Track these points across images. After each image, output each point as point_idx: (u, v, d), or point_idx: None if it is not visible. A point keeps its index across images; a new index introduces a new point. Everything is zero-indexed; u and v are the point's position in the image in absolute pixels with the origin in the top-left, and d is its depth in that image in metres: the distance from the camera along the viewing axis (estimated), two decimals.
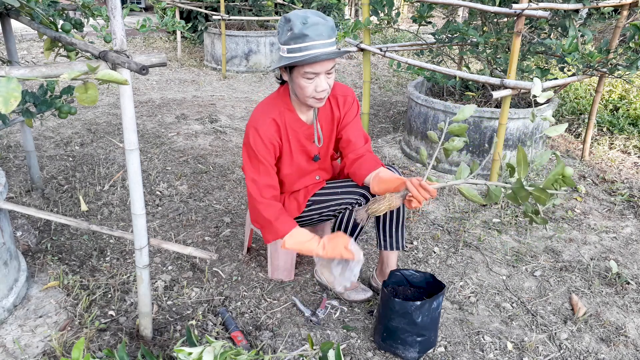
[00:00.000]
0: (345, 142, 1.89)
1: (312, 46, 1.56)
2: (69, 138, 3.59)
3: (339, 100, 1.88)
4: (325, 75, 1.64)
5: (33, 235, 2.26)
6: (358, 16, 9.87)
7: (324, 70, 1.62)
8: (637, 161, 3.61)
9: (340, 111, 1.89)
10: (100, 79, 1.11)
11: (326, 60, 1.60)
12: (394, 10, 3.10)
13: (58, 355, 1.64)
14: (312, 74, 1.61)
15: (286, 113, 1.79)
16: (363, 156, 1.84)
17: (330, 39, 1.60)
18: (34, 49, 6.61)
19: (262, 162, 1.77)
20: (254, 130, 1.75)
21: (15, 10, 1.94)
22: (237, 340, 1.75)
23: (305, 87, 1.65)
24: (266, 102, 1.82)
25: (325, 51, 1.58)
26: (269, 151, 1.77)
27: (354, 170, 1.84)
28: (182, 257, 2.27)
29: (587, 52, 2.72)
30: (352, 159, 1.86)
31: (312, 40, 1.56)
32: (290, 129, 1.81)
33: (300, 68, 1.61)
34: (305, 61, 1.57)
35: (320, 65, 1.60)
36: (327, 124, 1.89)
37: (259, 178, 1.78)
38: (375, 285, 2.10)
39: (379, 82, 5.83)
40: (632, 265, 2.38)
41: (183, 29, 4.84)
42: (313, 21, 1.56)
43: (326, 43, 1.58)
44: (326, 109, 1.87)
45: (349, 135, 1.88)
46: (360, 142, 1.88)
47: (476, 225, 2.68)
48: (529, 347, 1.83)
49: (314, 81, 1.64)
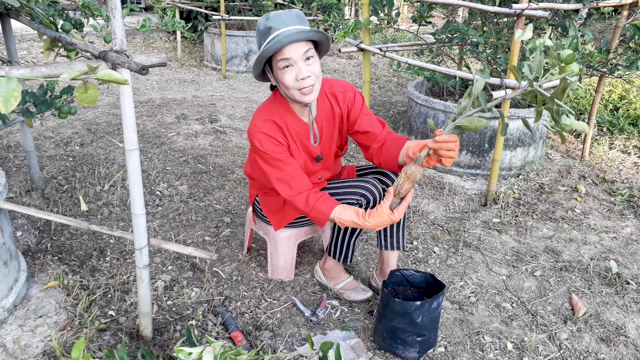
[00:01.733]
0: (363, 134, 1.85)
1: (277, 35, 1.57)
2: (69, 138, 3.59)
3: (338, 97, 1.85)
4: (304, 63, 1.60)
5: (33, 235, 2.26)
6: (358, 16, 9.87)
7: (297, 55, 1.57)
8: (637, 161, 3.61)
9: (341, 108, 1.86)
10: (100, 79, 1.11)
11: (295, 43, 1.56)
12: (394, 10, 3.10)
13: (58, 355, 1.64)
14: (285, 60, 1.58)
15: (285, 115, 1.77)
16: (386, 141, 1.78)
17: (297, 25, 1.58)
18: (34, 49, 6.61)
19: (278, 159, 1.72)
20: (259, 134, 1.71)
21: (15, 10, 1.94)
22: (237, 340, 1.75)
23: (285, 79, 1.61)
24: (263, 107, 1.79)
25: (289, 34, 1.55)
26: (281, 146, 1.73)
27: (385, 159, 1.77)
28: (182, 257, 2.27)
29: (587, 52, 2.72)
30: (377, 148, 1.80)
31: (277, 29, 1.57)
32: (292, 130, 1.78)
33: (275, 60, 1.60)
34: (272, 47, 1.55)
35: (289, 49, 1.56)
36: (327, 122, 1.86)
37: (283, 175, 1.73)
38: (375, 285, 2.10)
39: (379, 82, 5.83)
40: (632, 265, 2.38)
41: (183, 29, 4.84)
42: (275, 14, 1.59)
43: (291, 29, 1.57)
44: (326, 107, 1.85)
45: (364, 127, 1.84)
46: (378, 128, 1.83)
47: (476, 225, 2.68)
48: (529, 347, 1.83)
49: (293, 70, 1.60)
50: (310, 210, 1.70)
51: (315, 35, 1.59)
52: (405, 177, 1.50)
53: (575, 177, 3.31)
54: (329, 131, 1.89)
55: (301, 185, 1.73)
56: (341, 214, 1.66)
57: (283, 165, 1.72)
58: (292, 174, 1.73)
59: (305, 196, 1.71)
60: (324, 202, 1.69)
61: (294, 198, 1.72)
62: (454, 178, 3.26)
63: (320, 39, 1.63)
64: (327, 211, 1.68)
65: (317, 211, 1.69)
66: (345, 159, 3.50)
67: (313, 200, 1.70)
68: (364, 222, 1.63)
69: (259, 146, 1.72)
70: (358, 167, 2.05)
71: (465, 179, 3.25)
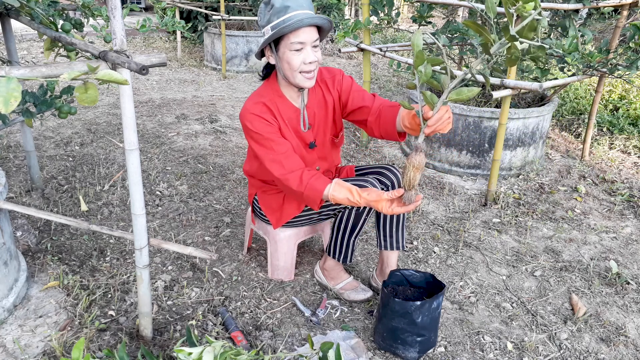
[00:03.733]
0: (358, 110, 1.86)
1: (295, 15, 1.59)
2: (69, 138, 3.59)
3: (328, 83, 1.88)
4: (312, 48, 1.65)
5: (33, 235, 2.26)
6: (358, 16, 9.87)
7: (310, 40, 1.62)
8: (637, 161, 3.61)
9: (332, 94, 1.88)
10: (100, 79, 1.11)
11: (310, 28, 1.61)
12: (394, 10, 3.10)
13: (58, 355, 1.64)
14: (299, 43, 1.61)
15: (276, 99, 1.79)
16: (381, 112, 1.78)
17: (310, 10, 1.62)
18: (34, 49, 6.61)
19: (270, 139, 1.72)
20: (250, 115, 1.72)
21: (15, 10, 1.94)
22: (237, 340, 1.75)
23: (292, 60, 1.64)
24: (254, 93, 1.81)
25: (309, 16, 1.59)
26: (272, 126, 1.74)
27: (385, 129, 1.75)
28: (182, 257, 2.27)
29: (587, 52, 2.72)
30: (374, 120, 1.80)
31: (294, 10, 1.59)
32: (283, 115, 1.80)
33: (287, 40, 1.62)
34: (292, 26, 1.57)
35: (305, 32, 1.61)
36: (320, 109, 1.88)
37: (276, 155, 1.72)
38: (375, 285, 2.10)
39: (379, 82, 5.83)
40: (632, 265, 2.38)
41: (183, 29, 4.84)
42: None
43: (307, 13, 1.61)
44: (317, 94, 1.87)
45: (356, 103, 1.85)
46: (370, 100, 1.84)
47: (476, 225, 2.68)
48: (529, 347, 1.83)
49: (302, 53, 1.64)
50: (305, 189, 1.69)
51: (327, 24, 1.65)
52: (414, 169, 1.46)
53: (575, 177, 3.31)
54: (322, 118, 1.90)
55: (294, 164, 1.72)
56: (335, 190, 1.66)
57: (275, 146, 1.73)
58: (284, 153, 1.73)
59: (299, 174, 1.70)
60: (318, 179, 1.69)
61: (287, 176, 1.71)
62: (454, 178, 3.26)
63: (328, 28, 1.68)
64: (320, 188, 1.67)
65: (311, 188, 1.68)
66: (345, 159, 3.50)
67: (307, 178, 1.69)
68: (359, 199, 1.62)
69: (250, 126, 1.73)
70: (357, 167, 2.06)
71: (465, 179, 3.25)
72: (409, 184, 1.50)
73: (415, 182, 1.49)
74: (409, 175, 1.48)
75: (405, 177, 1.49)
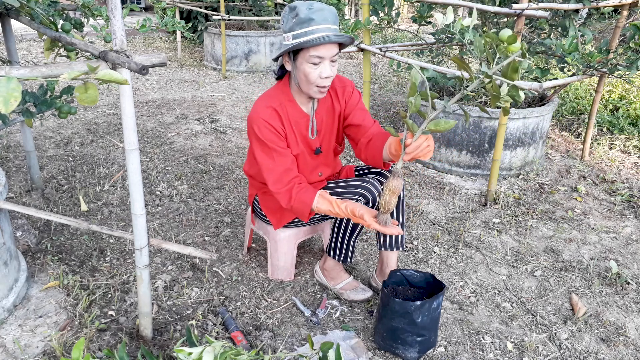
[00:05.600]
0: (355, 127, 1.87)
1: (318, 29, 1.58)
2: (69, 138, 3.59)
3: (338, 92, 1.88)
4: (330, 63, 1.65)
5: (33, 235, 2.26)
6: (358, 16, 9.87)
7: (329, 55, 1.62)
8: (637, 161, 3.61)
9: (340, 103, 1.88)
10: (100, 79, 1.11)
11: (331, 44, 1.61)
12: (394, 10, 3.10)
13: (58, 355, 1.64)
14: (318, 57, 1.61)
15: (287, 104, 1.79)
16: (373, 137, 1.80)
17: (335, 25, 1.62)
18: (34, 49, 6.61)
19: (274, 149, 1.74)
20: (258, 120, 1.73)
21: (15, 10, 1.94)
22: (237, 340, 1.75)
23: (309, 73, 1.65)
24: (266, 94, 1.81)
25: (332, 34, 1.59)
26: (278, 136, 1.75)
27: (371, 154, 1.77)
28: (182, 257, 2.27)
29: (587, 52, 2.72)
30: (365, 143, 1.82)
31: (318, 24, 1.58)
32: (292, 120, 1.80)
33: (306, 52, 1.62)
34: (313, 42, 1.57)
35: (326, 48, 1.60)
36: (328, 116, 1.89)
37: (275, 166, 1.74)
38: (375, 285, 2.10)
39: (379, 82, 5.83)
40: (632, 265, 2.38)
41: (183, 29, 4.84)
42: (318, 7, 1.59)
43: (331, 28, 1.60)
44: (327, 102, 1.87)
45: (356, 119, 1.86)
46: (370, 123, 1.86)
47: (476, 225, 2.68)
48: (529, 347, 1.83)
49: (319, 67, 1.64)
50: (294, 203, 1.73)
51: (349, 41, 1.65)
52: (390, 193, 1.51)
53: (575, 177, 3.31)
54: (329, 125, 1.90)
55: (289, 179, 1.75)
56: (318, 202, 1.71)
57: (277, 157, 1.74)
58: (283, 166, 1.75)
59: (289, 190, 1.74)
60: (306, 192, 1.72)
61: (280, 191, 1.75)
62: (454, 178, 3.26)
63: (349, 44, 1.68)
64: (309, 201, 1.71)
65: (299, 202, 1.72)
66: (345, 159, 3.50)
67: (295, 193, 1.73)
68: (339, 211, 1.67)
69: (258, 132, 1.74)
70: (357, 167, 2.06)
71: (465, 179, 3.25)
72: (384, 206, 1.54)
73: (391, 206, 1.54)
74: (384, 199, 1.53)
75: (382, 200, 1.53)
